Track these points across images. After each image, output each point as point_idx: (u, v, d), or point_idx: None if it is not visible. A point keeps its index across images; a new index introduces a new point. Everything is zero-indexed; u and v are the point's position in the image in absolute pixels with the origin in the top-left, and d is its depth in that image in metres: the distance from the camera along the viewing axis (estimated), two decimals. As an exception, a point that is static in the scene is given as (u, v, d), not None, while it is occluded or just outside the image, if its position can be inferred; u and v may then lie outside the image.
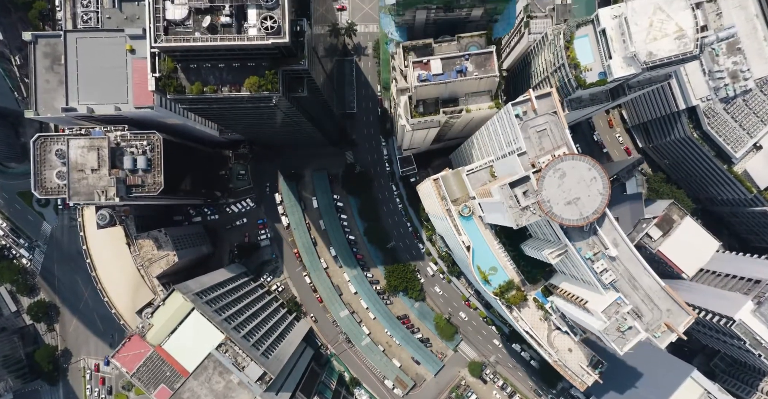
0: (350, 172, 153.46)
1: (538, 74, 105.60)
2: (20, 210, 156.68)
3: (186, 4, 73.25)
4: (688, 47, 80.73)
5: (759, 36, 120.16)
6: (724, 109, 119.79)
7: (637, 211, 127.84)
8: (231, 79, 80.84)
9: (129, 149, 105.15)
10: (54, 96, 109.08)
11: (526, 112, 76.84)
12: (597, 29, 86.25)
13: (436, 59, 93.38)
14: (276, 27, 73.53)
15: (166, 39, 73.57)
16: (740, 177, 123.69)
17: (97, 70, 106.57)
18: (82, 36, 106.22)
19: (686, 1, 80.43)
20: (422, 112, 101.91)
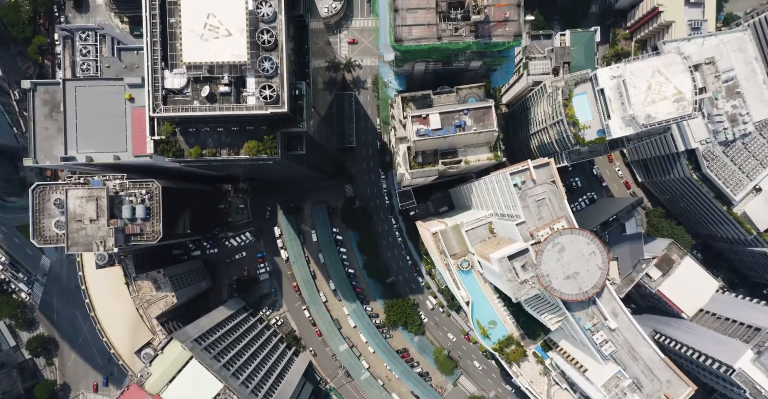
0: (350, 206, 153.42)
1: (537, 122, 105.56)
2: (19, 244, 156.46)
3: (185, 74, 73.26)
4: (687, 110, 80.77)
5: (758, 79, 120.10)
6: (723, 152, 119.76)
7: (637, 252, 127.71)
8: (230, 142, 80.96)
9: (128, 198, 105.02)
10: (53, 143, 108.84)
11: (525, 181, 76.90)
12: (595, 88, 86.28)
13: (434, 114, 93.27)
14: (275, 96, 73.59)
15: (164, 108, 73.61)
16: (740, 219, 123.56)
17: (96, 118, 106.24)
18: (81, 84, 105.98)
19: (684, 64, 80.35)
20: (421, 162, 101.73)
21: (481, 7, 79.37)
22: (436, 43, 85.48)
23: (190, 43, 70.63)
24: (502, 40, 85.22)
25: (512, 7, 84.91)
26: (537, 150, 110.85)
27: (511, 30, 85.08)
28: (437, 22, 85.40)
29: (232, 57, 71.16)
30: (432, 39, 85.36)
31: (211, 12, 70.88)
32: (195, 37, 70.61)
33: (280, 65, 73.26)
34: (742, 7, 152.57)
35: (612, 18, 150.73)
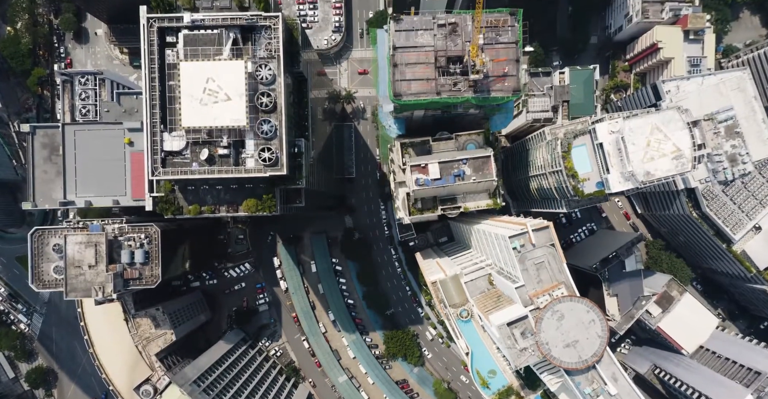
0: (349, 237, 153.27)
1: (536, 167, 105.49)
2: (18, 275, 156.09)
3: (183, 137, 73.26)
4: (686, 167, 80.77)
5: (758, 118, 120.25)
6: (723, 191, 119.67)
7: (637, 289, 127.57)
8: (229, 199, 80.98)
9: (126, 243, 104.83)
10: (52, 187, 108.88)
11: (524, 245, 76.84)
12: (594, 142, 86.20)
13: (433, 163, 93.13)
14: (274, 158, 73.55)
15: (163, 171, 73.56)
16: (739, 257, 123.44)
17: (95, 162, 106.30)
18: (80, 128, 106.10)
19: (683, 121, 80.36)
20: (420, 208, 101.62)
21: (480, 67, 79.12)
22: (435, 98, 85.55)
23: (189, 108, 70.62)
24: (501, 95, 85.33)
25: (511, 62, 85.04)
26: (536, 192, 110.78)
27: (510, 85, 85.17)
28: (436, 77, 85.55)
29: (232, 121, 71.14)
30: (431, 94, 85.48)
31: (211, 76, 70.88)
32: (194, 102, 70.61)
33: (279, 127, 73.25)
34: (742, 38, 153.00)
35: (611, 50, 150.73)
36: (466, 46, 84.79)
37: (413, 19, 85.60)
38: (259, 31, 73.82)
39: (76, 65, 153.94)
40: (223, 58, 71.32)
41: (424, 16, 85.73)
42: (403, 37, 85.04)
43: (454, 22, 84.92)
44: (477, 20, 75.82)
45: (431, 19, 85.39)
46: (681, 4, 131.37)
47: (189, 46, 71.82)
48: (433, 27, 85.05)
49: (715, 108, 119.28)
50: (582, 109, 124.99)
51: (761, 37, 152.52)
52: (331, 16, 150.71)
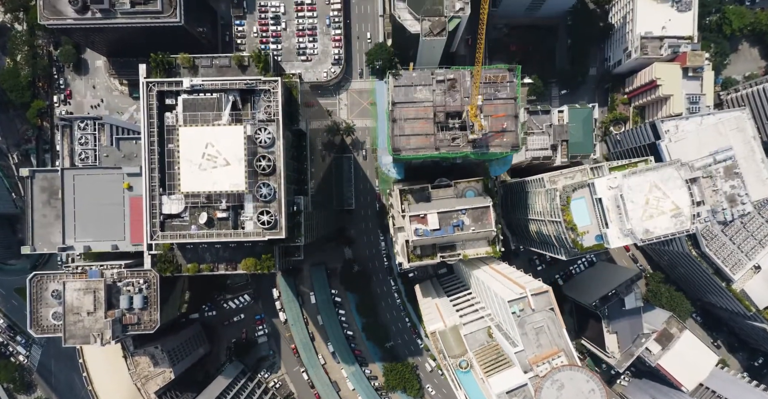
0: (348, 269, 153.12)
1: (536, 212, 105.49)
2: (17, 306, 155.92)
3: (182, 200, 73.26)
4: (685, 225, 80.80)
5: (756, 158, 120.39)
6: (722, 231, 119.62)
7: (637, 326, 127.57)
8: (227, 257, 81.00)
9: (125, 288, 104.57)
10: (51, 230, 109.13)
11: (524, 309, 76.79)
12: (593, 196, 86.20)
13: (432, 214, 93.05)
14: (273, 221, 73.51)
15: (162, 235, 73.56)
16: (739, 296, 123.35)
17: (94, 206, 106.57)
18: (79, 173, 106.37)
19: (681, 178, 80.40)
20: (420, 255, 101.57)
21: (479, 131, 79.26)
22: (434, 153, 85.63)
23: (188, 173, 70.67)
24: (500, 151, 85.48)
25: (510, 118, 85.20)
26: (536, 235, 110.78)
27: (509, 140, 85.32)
28: (435, 132, 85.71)
29: (231, 186, 71.21)
30: (430, 149, 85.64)
31: (210, 141, 70.96)
32: (193, 167, 70.66)
33: (278, 190, 73.30)
34: (741, 70, 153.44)
35: (610, 82, 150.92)
36: (464, 102, 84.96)
37: (412, 74, 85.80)
38: (258, 94, 73.96)
39: (76, 96, 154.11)
40: (223, 123, 71.38)
41: (422, 71, 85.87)
42: (402, 92, 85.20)
43: (453, 78, 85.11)
44: (476, 80, 75.85)
45: (430, 74, 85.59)
46: (680, 40, 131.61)
47: (188, 111, 71.91)
48: (432, 82, 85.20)
49: (714, 148, 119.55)
50: (581, 147, 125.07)
51: (760, 68, 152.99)
52: (331, 49, 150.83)
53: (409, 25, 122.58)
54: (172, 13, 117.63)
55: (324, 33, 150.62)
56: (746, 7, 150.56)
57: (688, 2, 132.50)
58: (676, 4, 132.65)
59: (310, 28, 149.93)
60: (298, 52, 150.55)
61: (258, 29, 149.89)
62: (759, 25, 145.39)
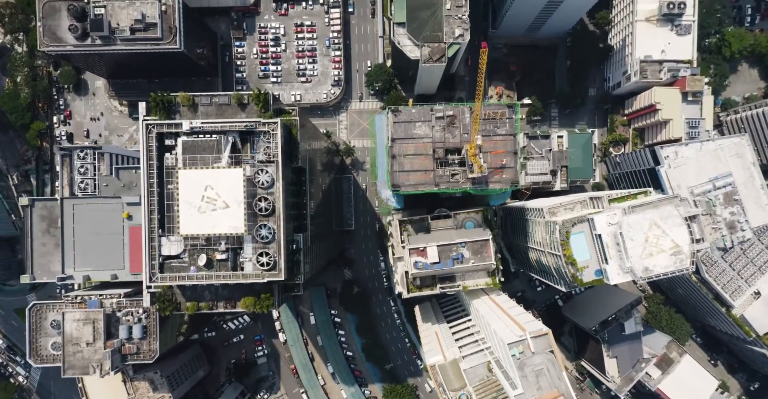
0: (348, 289, 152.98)
1: (535, 241, 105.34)
2: (17, 326, 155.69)
3: (182, 241, 73.22)
4: (684, 263, 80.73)
5: (756, 184, 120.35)
6: (722, 257, 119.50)
7: (636, 351, 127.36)
8: (226, 295, 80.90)
9: (124, 317, 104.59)
10: (50, 259, 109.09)
11: (523, 351, 76.71)
12: (593, 232, 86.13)
13: (432, 247, 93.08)
14: (272, 263, 73.45)
15: (161, 277, 73.46)
16: (739, 321, 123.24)
17: (93, 236, 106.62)
18: (78, 202, 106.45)
19: (681, 216, 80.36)
20: (419, 285, 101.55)
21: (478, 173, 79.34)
22: (434, 189, 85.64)
23: (187, 216, 70.65)
24: (499, 187, 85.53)
25: (509, 154, 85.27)
26: (536, 263, 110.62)
27: (508, 177, 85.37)
28: (434, 169, 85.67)
29: (230, 229, 71.20)
30: (429, 185, 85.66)
31: (209, 184, 70.98)
32: (192, 209, 70.65)
33: (277, 232, 73.26)
34: (741, 91, 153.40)
35: (610, 104, 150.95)
36: (464, 138, 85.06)
37: (411, 111, 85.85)
38: (257, 135, 74.01)
39: (75, 116, 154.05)
40: (222, 165, 71.45)
41: (422, 107, 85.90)
42: (401, 128, 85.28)
43: (452, 114, 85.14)
44: (475, 121, 75.92)
45: (429, 111, 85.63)
46: (679, 64, 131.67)
47: (188, 154, 71.96)
48: (431, 119, 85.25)
49: (713, 174, 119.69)
50: (581, 173, 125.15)
51: (760, 89, 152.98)
52: (331, 70, 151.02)
53: (409, 50, 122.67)
54: (172, 40, 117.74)
55: (324, 54, 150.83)
56: (746, 28, 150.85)
57: (688, 26, 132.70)
58: (676, 28, 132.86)
59: (310, 50, 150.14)
60: (297, 73, 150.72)
61: (258, 50, 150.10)
62: (758, 47, 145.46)
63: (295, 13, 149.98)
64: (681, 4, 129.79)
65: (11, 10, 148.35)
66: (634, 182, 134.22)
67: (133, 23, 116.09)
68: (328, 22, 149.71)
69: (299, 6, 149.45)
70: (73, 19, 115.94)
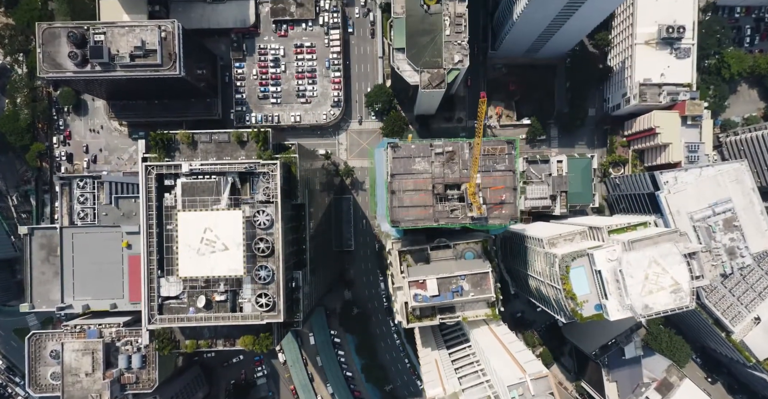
0: (348, 310, 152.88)
1: (535, 271, 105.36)
2: (16, 347, 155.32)
3: (181, 282, 73.15)
4: (684, 301, 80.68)
5: (756, 210, 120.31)
6: (722, 283, 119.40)
7: (636, 375, 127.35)
8: (225, 333, 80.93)
9: (123, 347, 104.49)
10: (49, 288, 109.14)
11: (523, 394, 76.61)
12: (592, 267, 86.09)
13: (432, 279, 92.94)
14: (271, 304, 73.39)
15: (160, 319, 73.38)
16: (739, 346, 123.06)
17: (92, 265, 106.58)
18: (78, 231, 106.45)
19: (680, 254, 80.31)
20: (419, 315, 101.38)
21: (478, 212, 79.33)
22: (433, 224, 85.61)
23: (186, 258, 70.62)
24: (499, 223, 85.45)
25: (508, 189, 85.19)
26: (536, 291, 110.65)
27: (508, 212, 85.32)
28: (434, 204, 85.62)
29: (229, 271, 71.17)
30: (429, 220, 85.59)
31: (208, 226, 70.95)
32: (191, 252, 70.63)
33: (277, 272, 73.21)
34: (740, 112, 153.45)
35: (609, 125, 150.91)
36: (463, 174, 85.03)
37: (411, 146, 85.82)
38: (257, 175, 74.02)
39: (75, 137, 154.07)
40: (221, 207, 71.46)
41: (421, 143, 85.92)
42: (401, 164, 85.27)
43: (452, 150, 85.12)
44: (475, 161, 75.90)
45: (429, 146, 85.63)
46: (678, 88, 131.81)
47: (187, 196, 71.98)
48: (431, 154, 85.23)
49: (713, 199, 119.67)
50: (580, 198, 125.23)
51: (759, 110, 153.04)
52: (330, 91, 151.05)
53: (408, 76, 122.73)
54: (172, 66, 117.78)
55: (323, 75, 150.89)
56: (745, 49, 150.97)
57: (687, 49, 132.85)
58: (675, 51, 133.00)
59: (310, 71, 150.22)
60: (297, 94, 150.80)
61: (257, 71, 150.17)
62: (758, 68, 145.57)
63: (295, 34, 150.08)
64: (680, 29, 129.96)
65: (11, 31, 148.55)
66: (633, 206, 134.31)
67: (133, 50, 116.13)
68: (327, 43, 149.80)
69: (299, 27, 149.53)
70: (73, 46, 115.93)
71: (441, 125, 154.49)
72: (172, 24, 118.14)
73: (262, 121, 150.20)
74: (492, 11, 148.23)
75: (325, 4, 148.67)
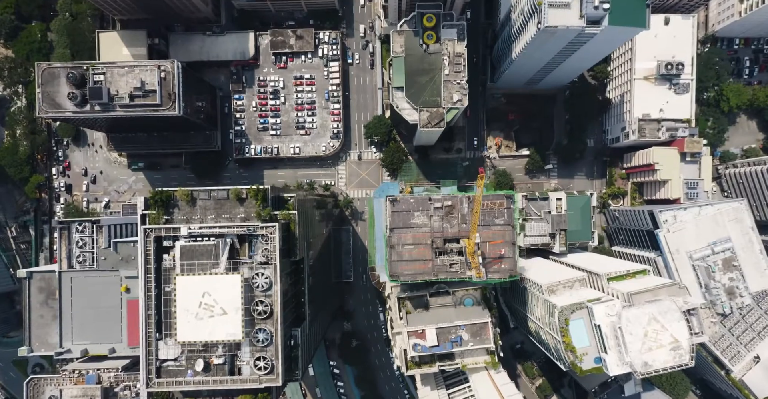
0: (347, 342, 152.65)
1: (534, 315, 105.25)
2: (15, 378, 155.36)
3: (179, 346, 73.03)
4: (684, 359, 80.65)
5: (755, 249, 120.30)
6: (721, 322, 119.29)
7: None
8: (224, 392, 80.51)
9: (122, 392, 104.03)
10: (48, 331, 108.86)
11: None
12: (592, 321, 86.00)
13: (431, 329, 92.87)
14: (269, 366, 73.25)
15: (158, 383, 73.22)
16: (738, 385, 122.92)
17: (91, 309, 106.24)
18: (77, 275, 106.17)
19: (680, 312, 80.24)
20: (418, 362, 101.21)
21: (477, 275, 79.37)
22: (432, 279, 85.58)
23: (184, 323, 70.55)
24: (498, 277, 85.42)
25: (507, 244, 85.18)
26: (535, 335, 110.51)
27: (507, 267, 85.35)
28: (432, 258, 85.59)
29: (227, 336, 71.07)
30: (428, 275, 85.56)
31: (207, 291, 70.89)
32: (190, 316, 70.54)
33: (275, 335, 73.08)
34: (739, 143, 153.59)
35: (609, 157, 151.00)
36: (462, 228, 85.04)
37: (410, 200, 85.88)
38: (256, 237, 73.98)
39: (74, 167, 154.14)
40: (220, 271, 71.42)
41: (420, 197, 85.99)
42: (400, 218, 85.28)
43: (451, 205, 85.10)
44: (473, 226, 75.92)
45: (428, 200, 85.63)
46: (677, 124, 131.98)
47: (185, 260, 71.94)
48: (430, 209, 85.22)
49: (712, 238, 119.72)
50: (579, 235, 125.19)
51: (758, 141, 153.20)
52: (330, 123, 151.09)
53: (407, 114, 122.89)
54: (171, 106, 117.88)
55: (323, 107, 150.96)
56: (744, 81, 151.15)
57: (686, 85, 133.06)
58: (674, 87, 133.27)
59: (309, 103, 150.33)
60: (297, 125, 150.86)
61: (257, 103, 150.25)
62: (757, 101, 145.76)
63: (295, 66, 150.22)
64: (679, 65, 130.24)
65: (10, 64, 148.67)
66: (633, 240, 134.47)
67: (133, 90, 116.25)
68: (327, 75, 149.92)
69: (298, 59, 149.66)
70: (72, 86, 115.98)
71: (440, 156, 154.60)
72: (171, 64, 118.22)
73: (262, 153, 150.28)
74: (491, 44, 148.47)
75: (325, 36, 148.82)
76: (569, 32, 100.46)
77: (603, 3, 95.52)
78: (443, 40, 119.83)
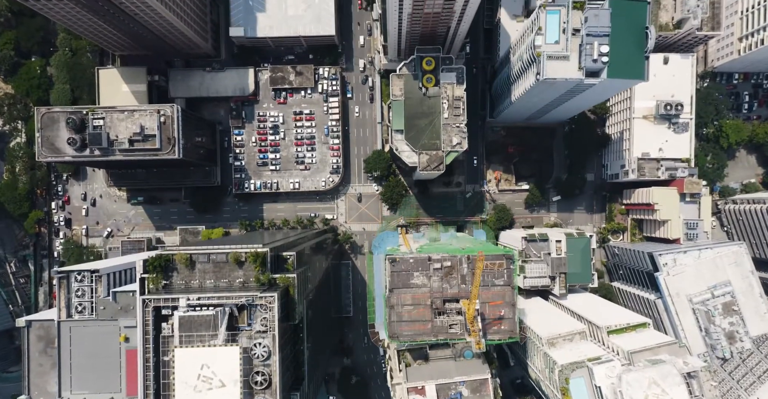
0: (347, 378, 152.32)
1: (534, 365, 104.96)
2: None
3: (177, 416, 72.90)
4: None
5: (755, 293, 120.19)
6: (721, 366, 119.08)
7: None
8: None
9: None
10: (47, 379, 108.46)
11: None
12: (592, 382, 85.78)
13: (431, 385, 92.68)
14: (268, 438, 73.03)
15: (157, 454, 73.02)
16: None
17: (90, 358, 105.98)
18: (76, 325, 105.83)
19: (680, 375, 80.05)
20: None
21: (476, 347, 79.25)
22: (432, 340, 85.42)
23: (183, 395, 70.36)
24: (498, 338, 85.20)
25: (507, 305, 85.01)
26: (535, 383, 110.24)
27: (507, 328, 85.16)
28: (432, 319, 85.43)
29: (226, 409, 70.82)
30: (428, 336, 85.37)
31: (206, 363, 70.72)
32: (188, 389, 70.36)
33: (274, 405, 72.90)
34: (739, 177, 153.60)
35: (608, 192, 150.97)
36: (462, 288, 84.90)
37: (409, 260, 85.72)
38: (255, 305, 73.88)
39: (74, 202, 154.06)
40: (219, 343, 71.27)
41: (419, 257, 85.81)
42: (399, 278, 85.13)
43: (450, 265, 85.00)
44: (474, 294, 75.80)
45: (427, 260, 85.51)
46: (677, 163, 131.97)
47: (184, 332, 71.81)
48: (429, 269, 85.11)
49: (712, 282, 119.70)
50: (579, 277, 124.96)
51: (758, 176, 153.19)
52: (329, 158, 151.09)
53: (407, 157, 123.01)
54: (171, 150, 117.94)
55: (322, 142, 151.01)
56: (743, 116, 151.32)
57: (685, 124, 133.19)
58: (673, 126, 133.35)
59: (309, 138, 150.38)
60: (296, 160, 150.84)
61: (257, 138, 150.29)
62: (756, 137, 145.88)
63: (294, 101, 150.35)
64: (678, 106, 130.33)
65: (10, 100, 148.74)
66: (633, 278, 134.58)
67: (132, 135, 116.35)
68: (326, 110, 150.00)
69: (298, 95, 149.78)
70: (72, 131, 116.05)
71: (440, 190, 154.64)
72: (171, 108, 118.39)
73: (261, 188, 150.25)
74: (490, 79, 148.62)
75: (324, 71, 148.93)
76: (568, 83, 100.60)
77: (602, 56, 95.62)
78: (442, 83, 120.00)
